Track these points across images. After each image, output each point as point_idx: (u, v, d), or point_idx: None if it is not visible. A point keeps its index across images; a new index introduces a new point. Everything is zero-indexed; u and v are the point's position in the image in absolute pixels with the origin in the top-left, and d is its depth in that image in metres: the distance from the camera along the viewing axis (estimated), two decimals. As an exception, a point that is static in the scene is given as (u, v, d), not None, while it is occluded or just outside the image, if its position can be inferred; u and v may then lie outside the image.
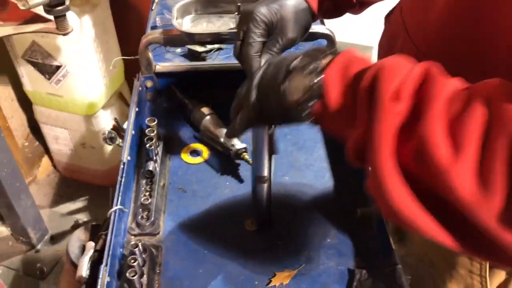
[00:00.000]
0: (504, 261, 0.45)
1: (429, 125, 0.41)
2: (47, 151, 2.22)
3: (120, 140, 1.63)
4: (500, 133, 0.38)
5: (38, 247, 1.93)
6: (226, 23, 1.03)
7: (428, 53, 0.67)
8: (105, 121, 1.91)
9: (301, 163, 1.01)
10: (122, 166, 0.88)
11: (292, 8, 0.74)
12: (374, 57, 2.10)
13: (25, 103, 2.05)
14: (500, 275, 0.77)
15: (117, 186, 0.85)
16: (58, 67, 1.68)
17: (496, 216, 0.38)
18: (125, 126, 1.82)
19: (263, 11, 0.71)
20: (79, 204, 2.13)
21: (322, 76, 0.51)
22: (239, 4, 0.97)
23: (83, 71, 1.70)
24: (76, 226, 2.01)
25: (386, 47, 0.82)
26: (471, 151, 0.39)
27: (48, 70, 1.70)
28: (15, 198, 1.71)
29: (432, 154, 0.40)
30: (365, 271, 0.79)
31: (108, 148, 2.02)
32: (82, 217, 2.07)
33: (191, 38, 0.98)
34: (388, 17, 0.87)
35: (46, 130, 2.00)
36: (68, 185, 2.21)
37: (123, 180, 0.86)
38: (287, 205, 0.92)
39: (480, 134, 0.39)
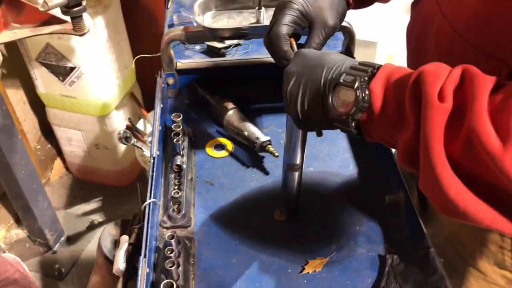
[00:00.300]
0: None
1: (478, 117, 0.44)
2: (59, 153, 2.24)
3: (135, 140, 1.65)
4: None
5: (55, 248, 1.95)
6: (246, 18, 1.05)
7: (464, 33, 0.68)
8: (119, 121, 1.93)
9: (325, 154, 1.03)
10: (152, 160, 0.90)
11: None
12: (378, 52, 2.11)
13: (37, 106, 2.07)
14: None
15: (149, 180, 0.86)
16: (72, 69, 1.69)
17: None
18: (138, 125, 1.84)
19: (299, 0, 0.72)
20: (93, 205, 2.15)
21: (368, 89, 0.54)
22: (259, -1, 0.99)
23: (97, 72, 1.72)
24: (91, 226, 2.02)
25: (418, 31, 0.83)
26: None
27: (62, 72, 1.71)
28: (32, 199, 1.73)
29: (485, 143, 0.43)
30: (396, 256, 0.80)
31: (122, 148, 2.03)
32: (97, 218, 2.09)
33: (214, 33, 0.99)
34: (416, 4, 0.88)
35: (59, 132, 2.01)
36: (82, 186, 2.22)
37: (154, 174, 0.87)
38: (314, 194, 0.94)
39: None
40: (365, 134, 0.58)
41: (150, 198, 0.83)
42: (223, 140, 1.05)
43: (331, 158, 1.02)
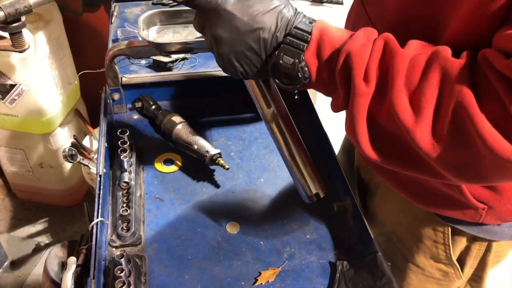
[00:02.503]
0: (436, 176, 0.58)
1: (395, 97, 0.53)
2: (1, 174, 2.14)
3: (81, 157, 1.61)
4: (449, 101, 0.50)
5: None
6: (192, 33, 1.05)
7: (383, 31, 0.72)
8: (63, 138, 1.87)
9: (274, 164, 1.04)
10: (98, 178, 0.88)
11: None
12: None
13: (-25, 125, 1.97)
14: (461, 243, 0.83)
15: (96, 199, 0.84)
16: (12, 86, 1.63)
17: (438, 156, 0.53)
18: (84, 142, 1.79)
19: None
20: (39, 226, 2.06)
21: (307, 66, 0.59)
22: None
23: (39, 89, 1.66)
24: (37, 249, 1.94)
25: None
26: (427, 115, 0.52)
27: (2, 89, 1.64)
28: (-28, 224, 1.64)
29: (400, 119, 0.53)
30: (346, 262, 0.82)
31: (67, 166, 1.97)
32: (44, 240, 2.00)
33: (160, 48, 0.98)
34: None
35: (1, 152, 1.92)
36: (26, 207, 2.13)
37: (101, 192, 0.85)
38: (265, 205, 0.95)
39: (434, 102, 0.51)
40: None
41: (97, 217, 0.81)
42: (172, 155, 1.04)
43: (280, 168, 1.03)
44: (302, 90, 0.63)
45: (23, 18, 1.23)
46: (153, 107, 1.11)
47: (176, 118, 1.06)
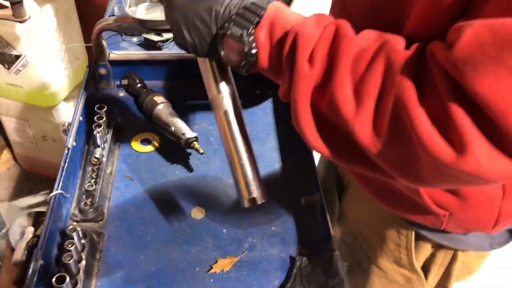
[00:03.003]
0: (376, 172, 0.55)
1: (337, 85, 0.50)
2: (8, 144, 2.17)
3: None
4: (390, 94, 0.47)
5: (3, 231, 1.88)
6: (180, 12, 1.03)
7: (358, 22, 0.69)
8: (67, 113, 1.88)
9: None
10: (66, 151, 0.87)
11: None
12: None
13: (-15, 93, 2.00)
14: (426, 250, 0.79)
15: (59, 171, 0.84)
16: (17, 57, 1.64)
17: (379, 151, 0.49)
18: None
19: None
20: (39, 198, 2.09)
21: (254, 41, 0.56)
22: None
23: (44, 62, 1.67)
24: (40, 212, 1.96)
25: (331, 11, 0.84)
26: (369, 107, 0.48)
27: (7, 59, 1.66)
28: (-31, 189, 1.67)
29: (340, 109, 0.50)
30: (305, 258, 0.79)
31: (71, 141, 1.99)
32: (42, 211, 2.03)
33: (144, 25, 0.97)
34: None
35: (7, 122, 1.95)
36: (29, 178, 2.16)
37: (65, 165, 0.85)
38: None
39: (376, 94, 0.48)
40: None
41: (57, 190, 0.81)
42: (150, 135, 1.03)
43: (258, 158, 0.98)
44: (250, 71, 0.60)
45: (23, -12, 1.24)
46: (139, 85, 1.10)
47: (158, 98, 1.04)
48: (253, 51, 0.56)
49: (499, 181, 0.45)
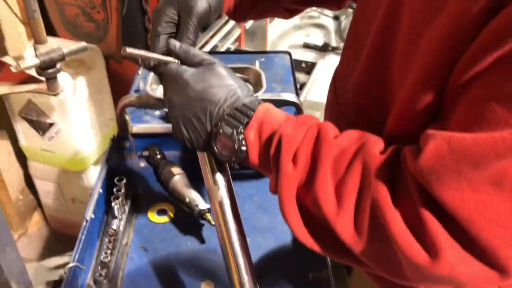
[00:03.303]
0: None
1: (319, 185, 0.53)
2: (40, 205, 2.26)
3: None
4: (367, 196, 0.50)
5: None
6: (198, 90, 1.09)
7: (346, 113, 0.74)
8: (96, 177, 1.96)
9: (264, 225, 1.03)
10: (84, 223, 0.92)
11: None
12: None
13: (22, 157, 2.12)
14: None
15: (77, 243, 0.88)
16: (51, 125, 1.75)
17: (362, 250, 0.52)
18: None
19: (162, 4, 0.72)
20: (66, 258, 2.14)
21: (245, 140, 0.60)
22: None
23: (75, 129, 1.77)
24: (59, 281, 2.01)
25: (326, 109, 0.89)
26: (349, 207, 0.51)
27: (42, 127, 1.77)
28: (0, 251, 1.73)
29: (322, 208, 0.53)
30: (311, 337, 0.79)
31: (98, 203, 2.05)
32: (61, 279, 2.07)
33: (163, 103, 1.03)
34: None
35: (39, 184, 2.05)
36: (58, 239, 2.23)
37: (83, 237, 0.89)
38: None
39: (355, 195, 0.51)
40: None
41: (73, 261, 0.85)
42: (167, 205, 1.07)
43: (270, 230, 1.03)
44: (242, 165, 0.63)
45: (58, 65, 1.34)
46: (158, 156, 1.16)
47: (175, 169, 1.09)
48: (243, 148, 0.60)
49: (475, 283, 0.46)
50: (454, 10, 0.46)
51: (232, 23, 2.57)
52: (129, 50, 0.63)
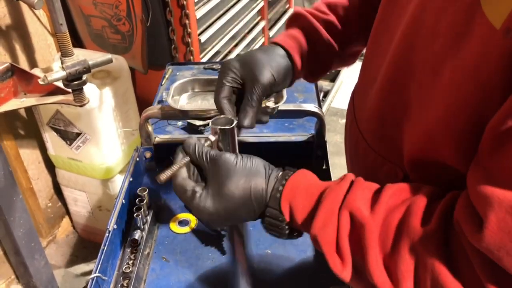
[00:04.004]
0: None
1: (372, 271, 0.52)
2: (67, 212, 2.31)
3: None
4: (425, 274, 0.48)
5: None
6: (219, 101, 1.10)
7: (365, 135, 0.74)
8: (121, 185, 1.99)
9: (285, 236, 1.03)
10: (107, 234, 0.93)
11: (263, 56, 0.79)
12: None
13: (51, 166, 2.17)
14: None
15: (99, 254, 0.89)
16: (78, 134, 1.79)
17: None
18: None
19: (231, 60, 0.78)
20: (92, 265, 2.17)
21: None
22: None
23: (101, 138, 1.81)
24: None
25: (346, 128, 0.88)
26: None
27: (69, 136, 1.82)
28: (29, 257, 1.78)
29: None
30: None
31: (124, 211, 2.08)
32: (94, 279, 2.11)
33: (184, 114, 1.05)
34: None
35: (67, 192, 2.10)
36: (85, 246, 2.27)
37: (105, 248, 0.90)
38: (265, 279, 0.94)
39: (411, 276, 0.50)
40: None
41: (95, 272, 0.86)
42: (188, 216, 1.08)
43: (291, 242, 1.01)
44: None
45: (84, 77, 1.37)
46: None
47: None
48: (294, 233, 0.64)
49: None
50: (475, 46, 0.46)
51: (255, 31, 2.58)
52: (163, 175, 0.67)
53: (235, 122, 0.73)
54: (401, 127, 0.61)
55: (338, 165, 2.76)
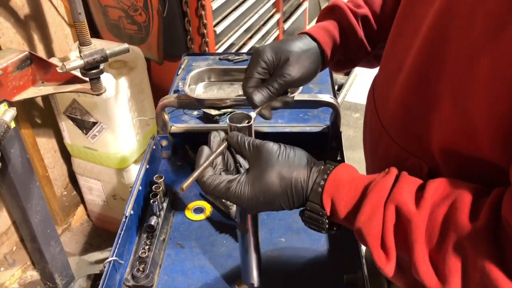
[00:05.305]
0: None
1: (419, 266, 0.52)
2: (83, 201, 2.34)
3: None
4: (474, 271, 0.49)
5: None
6: (235, 90, 1.11)
7: (389, 129, 0.72)
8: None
9: (299, 226, 1.03)
10: (124, 219, 0.94)
11: (297, 50, 0.80)
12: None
13: (66, 154, 2.20)
14: None
15: (116, 238, 0.91)
16: (94, 123, 1.81)
17: None
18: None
19: (265, 50, 0.78)
20: (106, 253, 2.20)
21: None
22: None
23: (117, 128, 1.83)
24: (99, 275, 2.07)
25: (364, 120, 0.87)
26: (455, 284, 0.50)
27: (86, 125, 1.84)
28: (45, 244, 1.80)
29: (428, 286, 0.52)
30: None
31: (138, 200, 2.11)
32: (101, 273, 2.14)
33: (200, 103, 1.06)
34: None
35: (82, 181, 2.12)
36: (99, 234, 2.30)
37: (122, 233, 0.92)
38: (277, 268, 0.94)
39: (459, 271, 0.50)
40: None
41: (112, 256, 0.87)
42: (203, 204, 1.09)
43: (305, 230, 1.02)
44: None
45: (101, 66, 1.39)
46: (194, 155, 1.17)
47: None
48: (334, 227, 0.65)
49: None
50: None
51: (270, 24, 2.58)
52: (185, 184, 0.67)
53: (253, 117, 0.74)
54: (429, 119, 0.61)
55: (351, 159, 2.77)
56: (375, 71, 0.90)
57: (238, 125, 0.72)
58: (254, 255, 0.83)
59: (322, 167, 0.64)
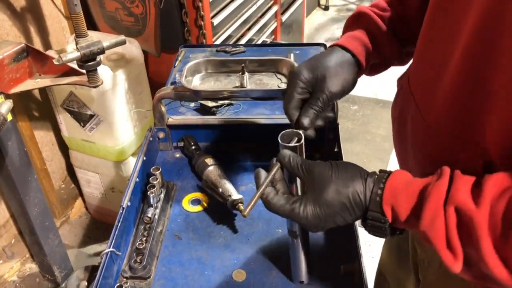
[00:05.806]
0: None
1: (487, 262, 0.54)
2: (81, 193, 2.35)
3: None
4: None
5: (63, 285, 2.00)
6: (232, 82, 1.10)
7: (438, 124, 0.72)
8: (134, 167, 2.01)
9: (296, 217, 1.03)
10: (121, 211, 0.94)
11: (333, 65, 0.81)
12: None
13: (64, 147, 2.20)
14: None
15: (113, 230, 0.91)
16: (91, 116, 1.81)
17: None
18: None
19: (301, 70, 0.80)
20: (105, 246, 2.19)
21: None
22: (242, 65, 1.05)
23: (115, 120, 1.82)
24: (97, 266, 2.07)
25: (399, 117, 0.86)
26: None
27: (83, 118, 1.84)
28: (43, 236, 1.81)
29: (498, 279, 0.54)
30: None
31: (136, 193, 2.11)
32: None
33: (197, 94, 1.06)
34: (400, 80, 0.91)
35: (80, 173, 2.13)
36: (98, 227, 2.30)
37: (119, 224, 0.92)
38: (277, 258, 0.95)
39: None
40: None
41: (109, 247, 0.87)
42: (200, 195, 1.09)
43: (302, 221, 1.03)
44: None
45: (98, 58, 1.38)
46: (193, 147, 1.18)
47: (209, 160, 1.11)
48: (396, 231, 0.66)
49: None
50: None
51: (268, 16, 2.57)
52: (248, 210, 0.70)
53: (303, 136, 0.75)
54: (484, 114, 0.61)
55: (349, 151, 2.77)
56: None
57: (290, 144, 0.74)
58: (303, 256, 0.86)
59: (376, 176, 0.66)
